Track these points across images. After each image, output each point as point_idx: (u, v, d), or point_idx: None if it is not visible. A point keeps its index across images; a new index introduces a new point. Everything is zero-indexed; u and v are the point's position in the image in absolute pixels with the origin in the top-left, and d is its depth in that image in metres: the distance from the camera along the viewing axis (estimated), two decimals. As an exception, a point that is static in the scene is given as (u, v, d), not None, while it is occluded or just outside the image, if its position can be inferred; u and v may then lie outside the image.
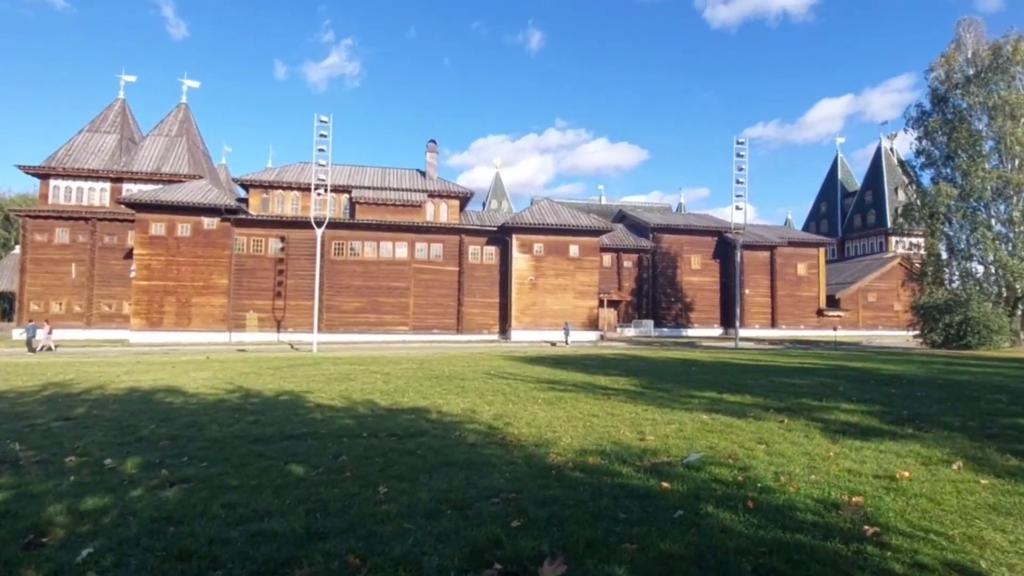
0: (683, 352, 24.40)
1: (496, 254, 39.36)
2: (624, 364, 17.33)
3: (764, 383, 12.11)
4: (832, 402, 9.31)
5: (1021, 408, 8.87)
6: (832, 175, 71.56)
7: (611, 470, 5.16)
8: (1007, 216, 28.06)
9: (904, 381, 12.66)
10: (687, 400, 9.50)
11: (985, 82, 27.98)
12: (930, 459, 5.60)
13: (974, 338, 25.51)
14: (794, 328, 47.25)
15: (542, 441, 6.41)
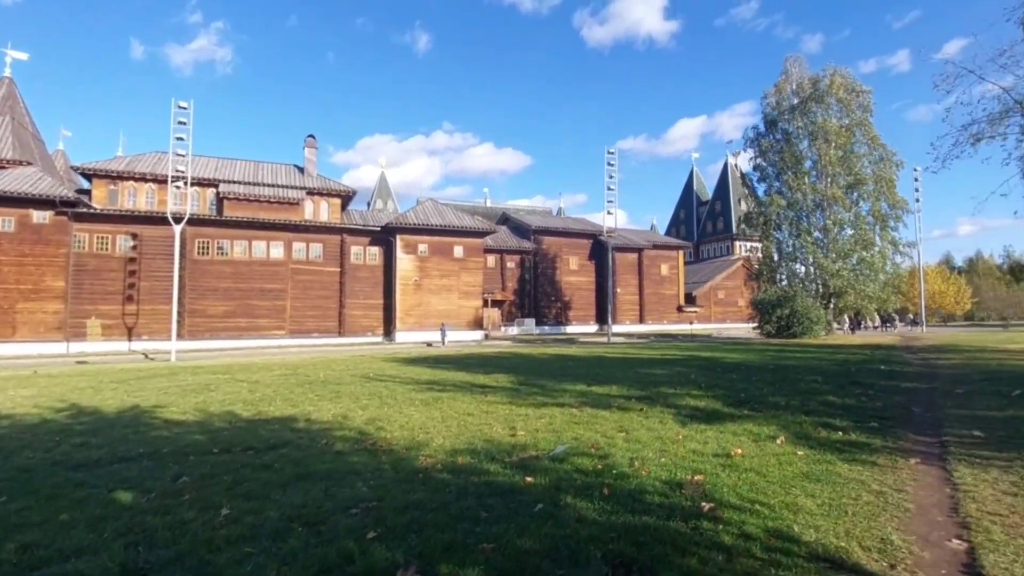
0: (561, 348, 25.42)
1: (380, 255, 38.15)
2: (504, 362, 17.62)
3: (629, 374, 12.96)
4: (685, 389, 10.19)
5: (830, 387, 10.37)
6: (688, 186, 78.94)
7: (480, 468, 5.16)
8: (823, 224, 32.92)
9: (744, 368, 14.25)
10: (560, 394, 9.86)
11: (807, 110, 32.66)
12: (759, 436, 6.32)
13: (799, 328, 29.64)
14: (658, 323, 51.38)
15: (414, 444, 6.26)
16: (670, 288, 53.02)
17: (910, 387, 10.59)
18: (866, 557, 3.26)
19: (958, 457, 5.43)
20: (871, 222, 32.44)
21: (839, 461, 5.28)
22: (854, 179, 31.93)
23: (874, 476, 4.86)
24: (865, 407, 8.31)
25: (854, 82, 32.70)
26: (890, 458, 5.43)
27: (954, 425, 6.97)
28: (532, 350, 24.43)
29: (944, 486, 4.65)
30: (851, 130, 32.14)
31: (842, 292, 32.17)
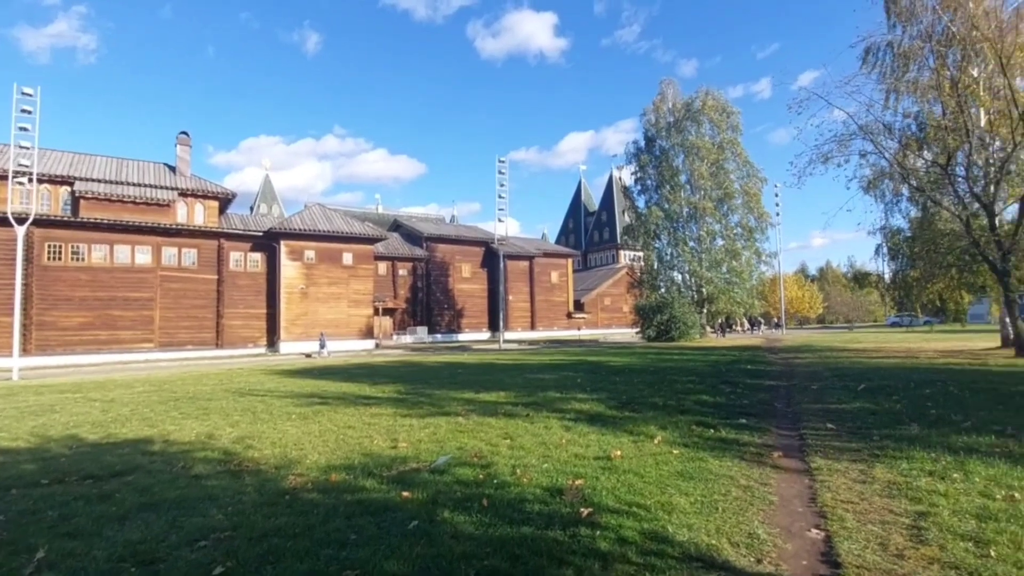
0: (453, 356, 25.01)
1: (263, 261, 35.33)
2: (393, 371, 16.88)
3: (518, 380, 12.90)
4: (571, 393, 10.28)
5: (704, 387, 11.00)
6: (577, 197, 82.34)
7: (354, 485, 4.73)
8: (697, 235, 35.72)
9: (627, 371, 14.80)
10: (447, 403, 9.49)
11: (681, 129, 35.40)
12: (639, 437, 6.40)
13: (676, 332, 31.80)
14: (549, 329, 52.71)
15: (285, 462, 5.65)
16: (560, 295, 54.65)
17: (772, 384, 11.53)
18: (735, 553, 3.27)
19: (814, 449, 5.83)
20: (739, 233, 35.76)
21: (711, 458, 5.44)
22: (724, 193, 35.03)
23: (742, 471, 5.04)
24: (734, 404, 8.84)
25: (725, 103, 35.99)
26: (756, 452, 5.71)
27: (810, 419, 7.58)
28: (423, 358, 23.80)
29: (803, 477, 4.92)
30: (721, 148, 35.30)
31: (715, 298, 35.08)
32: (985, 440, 5.79)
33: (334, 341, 34.91)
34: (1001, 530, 3.39)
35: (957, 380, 11.00)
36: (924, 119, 19.56)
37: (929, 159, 17.71)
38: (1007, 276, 16.10)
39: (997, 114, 18.09)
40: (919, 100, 19.79)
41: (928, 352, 18.96)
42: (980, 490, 4.23)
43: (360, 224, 37.96)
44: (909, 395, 9.13)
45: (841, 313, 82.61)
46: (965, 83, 17.72)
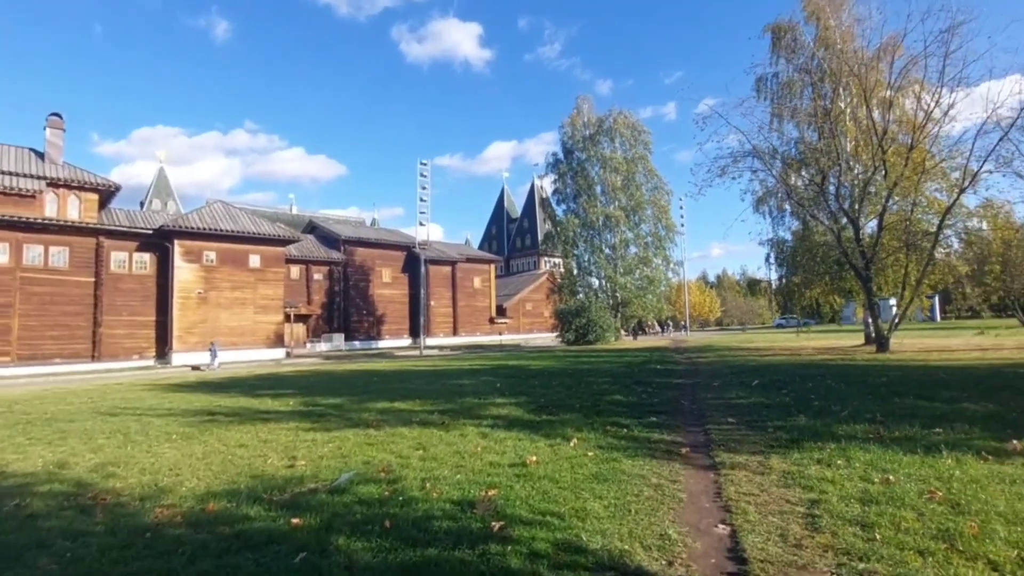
0: (370, 363, 24.13)
1: (153, 262, 32.07)
2: (301, 382, 15.92)
3: (437, 387, 12.58)
4: (490, 399, 10.12)
5: (618, 387, 11.25)
6: (500, 204, 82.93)
7: (235, 515, 4.19)
8: (613, 243, 37.14)
9: (546, 374, 14.91)
10: (358, 413, 9.01)
11: (596, 142, 36.81)
12: (555, 440, 6.35)
13: (593, 335, 32.76)
14: (472, 335, 52.46)
15: (153, 491, 4.98)
16: (482, 300, 54.60)
17: (680, 383, 12.02)
18: (647, 557, 3.23)
19: (718, 443, 6.05)
20: (650, 242, 37.55)
21: (624, 458, 5.47)
22: (635, 204, 36.66)
23: (653, 469, 5.10)
24: (645, 403, 9.08)
25: (635, 123, 37.89)
26: (666, 450, 5.82)
27: (714, 414, 7.91)
28: (337, 367, 22.76)
29: (709, 471, 5.05)
30: (633, 162, 36.94)
31: (628, 302, 36.54)
32: (861, 428, 6.29)
33: (239, 351, 32.54)
34: (882, 512, 3.61)
35: (833, 374, 12.06)
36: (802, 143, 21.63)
37: (807, 178, 19.49)
38: (869, 282, 18.12)
39: (861, 141, 20.36)
40: (799, 126, 21.82)
41: (808, 350, 20.84)
42: (861, 475, 4.53)
43: (269, 224, 35.73)
44: (796, 389, 9.83)
45: (736, 316, 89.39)
46: (835, 113, 19.79)
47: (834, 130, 18.70)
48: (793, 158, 20.18)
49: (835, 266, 20.66)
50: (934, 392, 8.65)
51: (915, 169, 17.31)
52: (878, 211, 18.53)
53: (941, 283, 20.03)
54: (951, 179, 18.30)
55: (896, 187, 17.37)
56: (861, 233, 18.44)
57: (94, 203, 31.10)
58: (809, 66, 20.22)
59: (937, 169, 17.84)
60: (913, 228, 18.12)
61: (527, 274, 67.78)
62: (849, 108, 19.63)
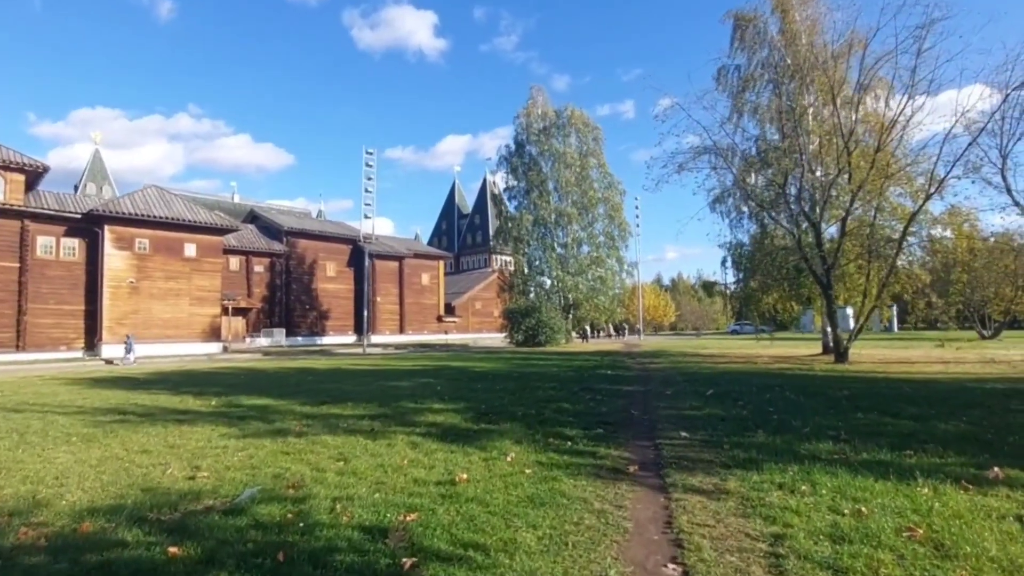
0: (309, 361, 22.85)
1: (81, 249, 29.62)
2: (230, 379, 14.70)
3: (373, 388, 11.74)
4: (427, 403, 9.40)
5: (565, 393, 10.74)
6: (451, 199, 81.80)
7: (108, 539, 3.48)
8: (564, 241, 36.91)
9: (490, 377, 14.27)
10: (282, 417, 8.11)
11: (549, 136, 36.48)
12: (491, 453, 5.72)
13: (543, 337, 32.37)
14: (419, 333, 51.26)
15: (28, 505, 4.23)
16: (431, 298, 53.49)
17: (630, 391, 11.63)
18: (586, 612, 2.64)
19: (670, 461, 5.56)
20: (603, 241, 37.51)
21: (566, 477, 4.90)
22: (588, 200, 36.55)
23: (597, 491, 4.55)
24: (593, 412, 8.58)
25: (587, 119, 37.85)
26: (612, 468, 5.29)
27: (665, 427, 7.47)
28: (273, 364, 21.41)
29: (659, 495, 4.54)
30: (586, 158, 36.84)
31: (580, 304, 36.38)
32: (824, 447, 5.90)
33: (172, 344, 30.48)
34: (857, 554, 3.14)
35: (791, 385, 11.86)
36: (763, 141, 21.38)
37: (768, 178, 19.49)
38: (830, 289, 18.12)
39: (824, 142, 20.19)
40: (760, 123, 21.72)
41: (764, 358, 20.79)
42: (829, 504, 4.09)
43: (207, 212, 33.60)
44: (753, 400, 9.55)
45: (690, 321, 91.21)
46: (799, 111, 19.61)
47: (797, 129, 18.69)
48: (753, 157, 20.10)
49: (794, 272, 20.63)
50: (899, 407, 8.45)
51: (880, 172, 16.94)
52: (840, 215, 18.24)
53: (903, 292, 19.98)
54: (916, 184, 17.88)
55: (860, 190, 17.22)
56: (822, 238, 18.44)
57: (20, 184, 28.43)
58: (773, 60, 20.13)
59: (902, 174, 17.59)
60: (876, 234, 17.81)
61: (477, 272, 67.02)
62: (812, 107, 19.67)
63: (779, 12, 21.05)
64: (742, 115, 21.84)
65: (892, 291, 20.81)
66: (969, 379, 12.51)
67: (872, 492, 4.35)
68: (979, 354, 20.13)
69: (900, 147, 17.95)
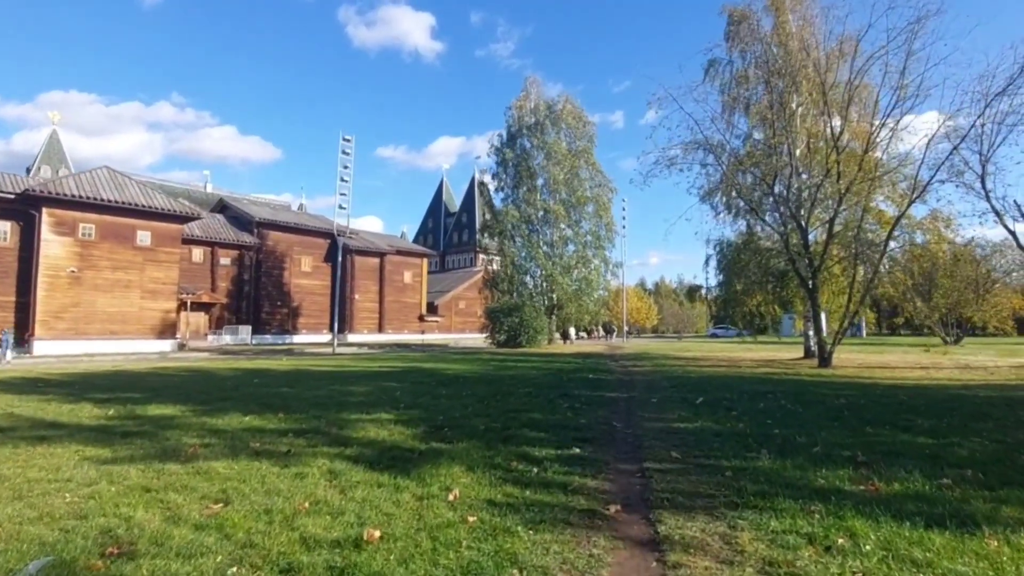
0: (266, 361, 21.21)
1: (14, 233, 27.40)
2: (158, 383, 13.09)
3: (320, 394, 10.27)
4: (376, 413, 7.98)
5: (540, 401, 9.38)
6: (438, 196, 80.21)
7: None
8: (551, 239, 35.58)
9: (461, 381, 12.88)
10: (184, 432, 6.63)
11: (542, 129, 35.09)
12: (429, 489, 4.34)
13: (525, 337, 30.95)
14: (399, 332, 49.58)
15: None
16: (412, 296, 51.85)
17: (612, 397, 10.32)
18: None
19: (661, 495, 4.26)
20: (589, 241, 36.27)
21: (523, 528, 3.54)
22: (576, 199, 35.29)
23: (565, 552, 3.21)
24: (569, 425, 7.24)
25: (581, 112, 36.51)
26: (587, 509, 3.95)
27: (653, 444, 6.16)
28: (225, 364, 19.74)
29: (649, 557, 3.22)
30: (577, 155, 35.56)
31: (564, 304, 35.06)
32: (845, 474, 4.73)
33: (118, 341, 28.40)
34: None
35: (783, 391, 10.78)
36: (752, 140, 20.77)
37: (757, 177, 18.51)
38: (815, 292, 17.22)
39: (811, 144, 19.63)
40: (751, 121, 20.92)
41: (747, 361, 19.86)
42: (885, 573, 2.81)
43: (164, 197, 31.46)
44: (747, 410, 8.34)
45: (671, 324, 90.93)
46: (788, 112, 18.95)
47: (787, 129, 17.81)
48: (743, 155, 19.15)
49: (778, 274, 19.82)
50: (907, 420, 7.32)
51: (867, 175, 16.53)
52: (826, 218, 17.72)
53: (886, 296, 19.52)
54: (899, 189, 17.78)
55: (848, 192, 16.55)
56: (808, 240, 17.57)
57: (-56, 160, 26.19)
58: (765, 58, 19.23)
59: (888, 177, 17.22)
60: (863, 237, 17.40)
61: (462, 271, 65.55)
62: (801, 107, 18.77)
63: (772, 10, 20.64)
64: (734, 112, 21.08)
65: (875, 295, 20.36)
66: (956, 386, 11.81)
67: (932, 549, 3.16)
68: (952, 360, 19.74)
69: (887, 151, 17.64)
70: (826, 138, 18.11)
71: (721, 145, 19.15)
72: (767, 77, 19.62)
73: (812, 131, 18.91)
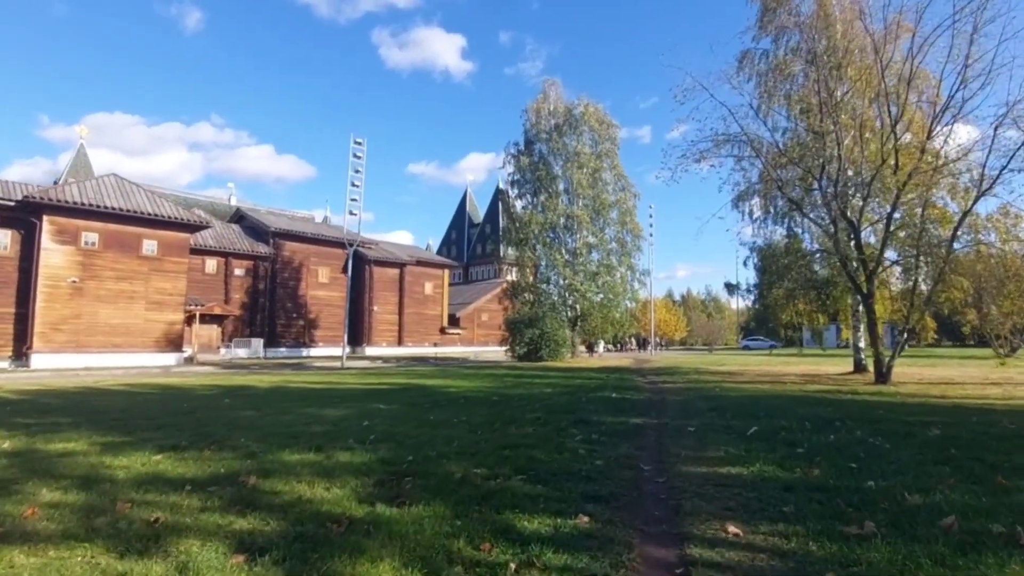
0: (266, 376, 19.76)
1: (15, 242, 26.63)
2: (111, 403, 11.64)
3: (283, 420, 8.56)
4: (331, 450, 6.20)
5: (547, 430, 7.43)
6: (462, 207, 79.11)
7: None
8: (573, 247, 33.63)
9: (462, 402, 11.05)
10: (62, 480, 4.98)
11: (562, 134, 33.30)
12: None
13: (546, 350, 28.93)
14: (420, 345, 48.09)
15: None
16: (433, 308, 50.38)
17: (639, 424, 8.33)
18: None
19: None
20: (614, 248, 34.18)
21: None
22: (600, 204, 33.30)
23: None
24: (581, 472, 5.31)
25: (604, 115, 34.55)
26: None
27: (697, 506, 4.22)
28: (211, 380, 18.29)
29: None
30: (600, 158, 33.62)
31: (589, 315, 32.94)
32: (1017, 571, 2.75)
33: (121, 354, 27.37)
34: None
35: (852, 416, 8.65)
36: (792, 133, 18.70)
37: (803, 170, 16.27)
38: (871, 298, 14.84)
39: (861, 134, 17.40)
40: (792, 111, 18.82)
41: (790, 376, 17.56)
42: None
43: (171, 205, 30.59)
44: (816, 446, 6.30)
45: (700, 336, 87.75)
46: (834, 101, 16.81)
47: (833, 119, 15.58)
48: (782, 150, 16.93)
49: (819, 281, 17.55)
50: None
51: (930, 164, 14.21)
52: (877, 217, 15.44)
53: (948, 303, 16.98)
54: (962, 182, 15.42)
55: (908, 184, 14.24)
56: (861, 240, 15.22)
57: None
58: (806, 44, 17.14)
59: (949, 168, 14.84)
60: (927, 233, 15.04)
61: (485, 282, 63.95)
62: (848, 95, 16.51)
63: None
64: (771, 101, 18.94)
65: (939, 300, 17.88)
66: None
67: None
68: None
69: (949, 139, 15.30)
70: (877, 128, 15.91)
71: (757, 139, 17.05)
72: (807, 63, 17.57)
73: (864, 119, 16.59)
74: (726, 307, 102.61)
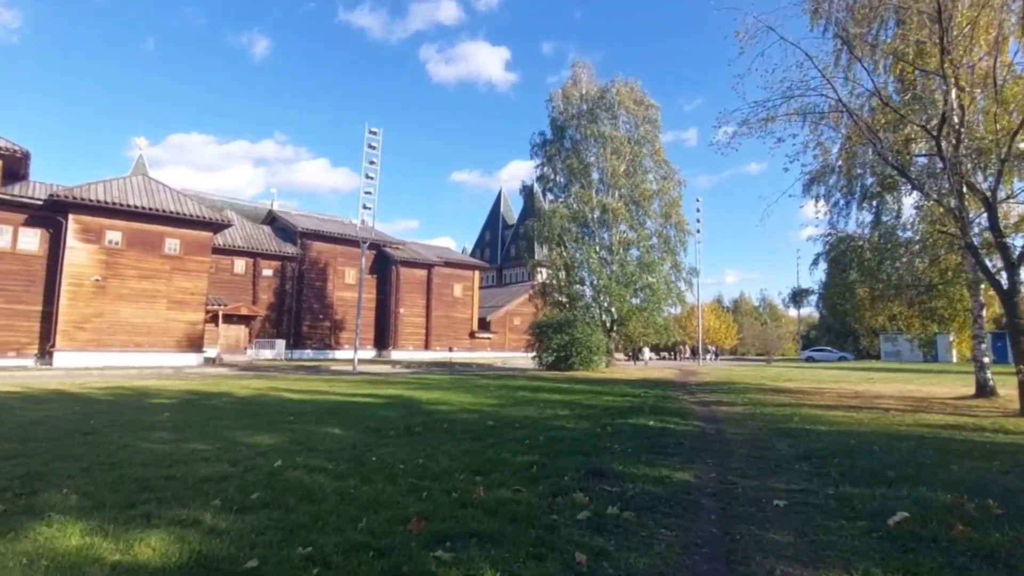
0: (264, 381, 17.78)
1: (43, 241, 26.21)
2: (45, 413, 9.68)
3: (185, 450, 6.17)
4: (157, 525, 3.69)
5: (537, 492, 4.70)
6: (496, 209, 76.91)
7: None
8: (609, 243, 30.28)
9: (434, 429, 8.37)
10: None
11: (594, 118, 29.99)
12: None
13: (577, 359, 25.73)
14: (447, 349, 45.81)
15: None
16: (463, 311, 48.10)
17: (687, 484, 5.43)
18: None
19: None
20: (656, 243, 30.65)
21: None
22: (639, 194, 29.96)
23: None
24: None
25: (642, 95, 31.10)
26: None
27: None
28: (204, 384, 16.38)
29: None
30: (639, 144, 30.32)
31: (627, 318, 29.51)
32: None
33: (142, 353, 26.53)
34: None
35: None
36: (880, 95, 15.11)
37: (918, 126, 12.62)
38: (1015, 296, 11.07)
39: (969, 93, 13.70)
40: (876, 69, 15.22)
41: (886, 401, 13.68)
42: None
43: (195, 204, 29.48)
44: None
45: (752, 345, 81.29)
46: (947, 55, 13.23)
47: (949, 75, 12.01)
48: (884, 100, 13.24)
49: (937, 274, 13.94)
50: None
51: None
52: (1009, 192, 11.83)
53: None
54: None
55: None
56: (998, 220, 11.50)
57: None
58: None
59: None
60: None
61: (518, 285, 61.31)
62: (964, 46, 12.82)
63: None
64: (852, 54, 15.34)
65: None
66: None
67: None
68: None
69: None
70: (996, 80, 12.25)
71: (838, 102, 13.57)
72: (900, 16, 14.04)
73: (979, 71, 12.94)
74: (783, 314, 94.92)
